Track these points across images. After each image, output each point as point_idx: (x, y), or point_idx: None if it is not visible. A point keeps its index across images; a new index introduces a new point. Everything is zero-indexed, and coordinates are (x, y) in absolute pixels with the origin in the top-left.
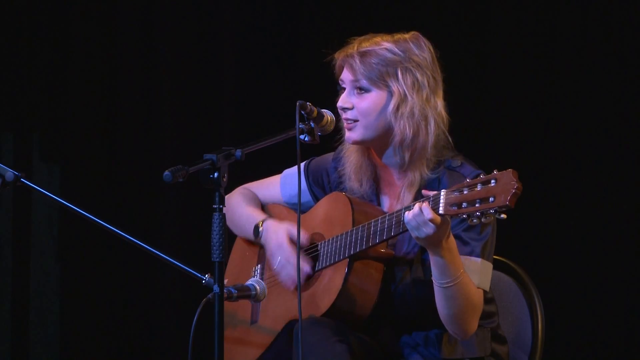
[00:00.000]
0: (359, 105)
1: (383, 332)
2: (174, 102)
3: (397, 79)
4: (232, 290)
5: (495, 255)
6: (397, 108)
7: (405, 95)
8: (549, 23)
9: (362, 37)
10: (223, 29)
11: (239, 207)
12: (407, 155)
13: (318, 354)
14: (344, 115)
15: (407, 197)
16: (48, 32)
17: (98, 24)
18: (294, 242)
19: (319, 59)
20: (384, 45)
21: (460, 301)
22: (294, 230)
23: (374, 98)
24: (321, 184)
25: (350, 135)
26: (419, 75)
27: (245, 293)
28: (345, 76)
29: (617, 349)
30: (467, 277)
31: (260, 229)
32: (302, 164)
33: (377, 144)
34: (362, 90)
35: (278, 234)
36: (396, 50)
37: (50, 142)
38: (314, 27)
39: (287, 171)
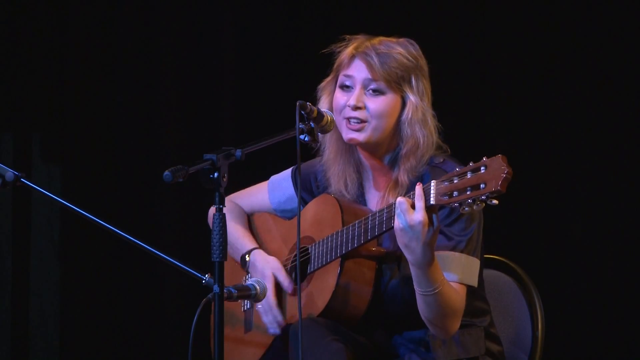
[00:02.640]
0: (372, 107)
1: (377, 333)
2: (174, 102)
3: (412, 85)
4: (232, 290)
5: (495, 255)
6: (411, 115)
7: (417, 102)
8: (539, 20)
9: (363, 36)
10: (223, 29)
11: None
12: (412, 161)
13: (315, 354)
14: (352, 114)
15: (393, 197)
16: (48, 32)
17: (98, 23)
18: (278, 288)
19: (318, 59)
20: (397, 49)
21: (441, 308)
22: (280, 274)
23: (388, 101)
24: (309, 189)
25: (354, 135)
26: (425, 83)
27: (246, 293)
28: (359, 73)
29: (617, 349)
30: (448, 286)
31: (247, 260)
32: (289, 170)
33: (375, 146)
34: (376, 91)
35: (265, 277)
36: (409, 56)
37: (50, 142)
38: (314, 27)
39: (273, 178)
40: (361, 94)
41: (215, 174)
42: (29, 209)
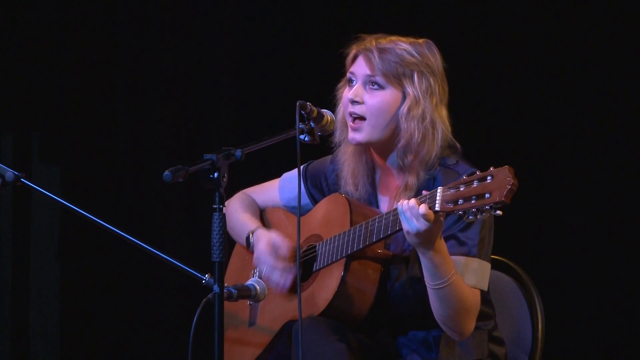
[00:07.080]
0: (370, 102)
1: (381, 333)
2: (174, 102)
3: (413, 81)
4: (232, 291)
5: (495, 255)
6: (409, 110)
7: (418, 98)
8: (545, 23)
9: (377, 35)
10: (223, 29)
11: (236, 214)
12: (409, 158)
13: (317, 353)
14: (351, 109)
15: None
16: (48, 32)
17: (98, 23)
18: (275, 248)
19: (318, 58)
20: (402, 45)
21: (454, 302)
22: (276, 237)
23: (387, 96)
24: (320, 187)
25: (354, 135)
26: (432, 81)
27: (246, 293)
28: (360, 69)
29: (617, 349)
30: (460, 278)
31: (251, 239)
32: (300, 168)
33: (380, 145)
34: (375, 86)
35: (260, 244)
36: (414, 52)
37: (50, 142)
38: (314, 27)
39: (285, 175)
40: (360, 88)
41: (215, 174)
42: (29, 209)
